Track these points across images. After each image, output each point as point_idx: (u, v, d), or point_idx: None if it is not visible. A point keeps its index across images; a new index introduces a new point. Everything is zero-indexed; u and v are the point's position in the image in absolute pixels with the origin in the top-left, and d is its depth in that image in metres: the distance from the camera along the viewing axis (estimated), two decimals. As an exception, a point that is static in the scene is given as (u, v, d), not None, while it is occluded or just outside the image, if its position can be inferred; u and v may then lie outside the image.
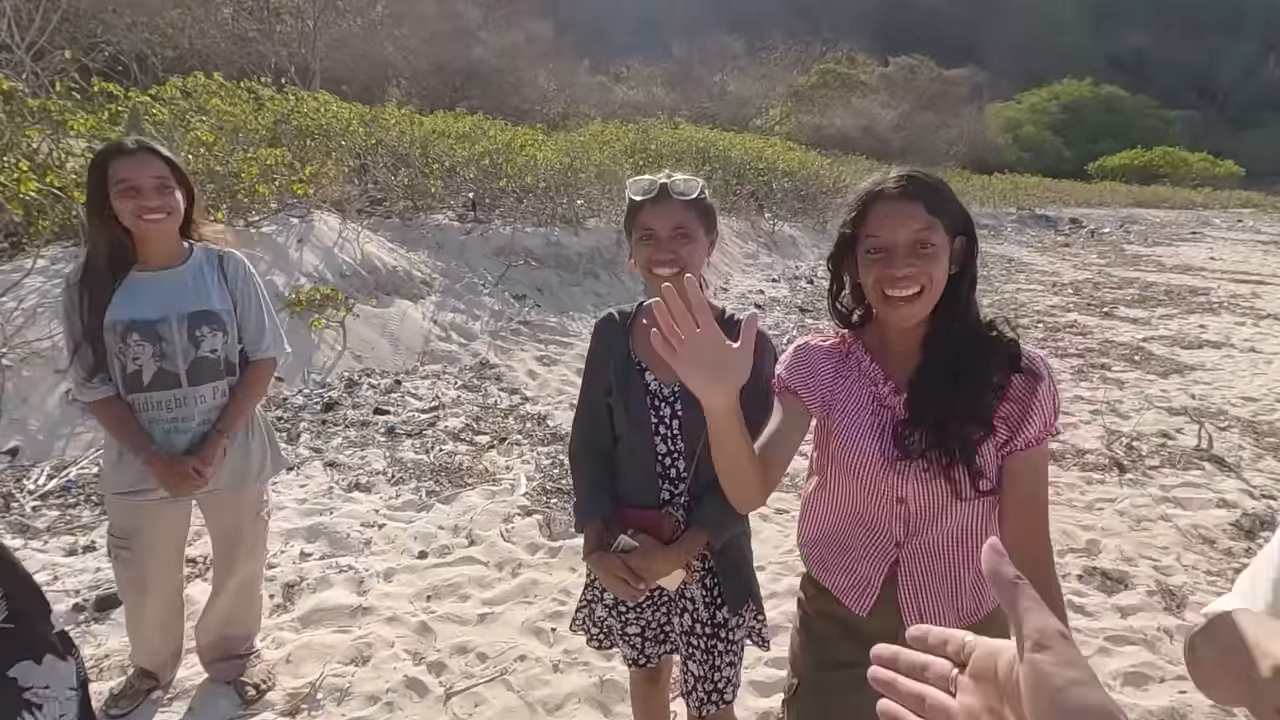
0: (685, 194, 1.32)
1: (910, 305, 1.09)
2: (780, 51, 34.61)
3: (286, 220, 5.79)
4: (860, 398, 1.20)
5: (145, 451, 1.79)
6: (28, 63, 6.16)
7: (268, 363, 2.00)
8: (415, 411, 4.41)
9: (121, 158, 1.69)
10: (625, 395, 1.39)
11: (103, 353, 1.77)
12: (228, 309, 1.88)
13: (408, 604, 2.61)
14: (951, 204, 1.11)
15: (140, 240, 1.76)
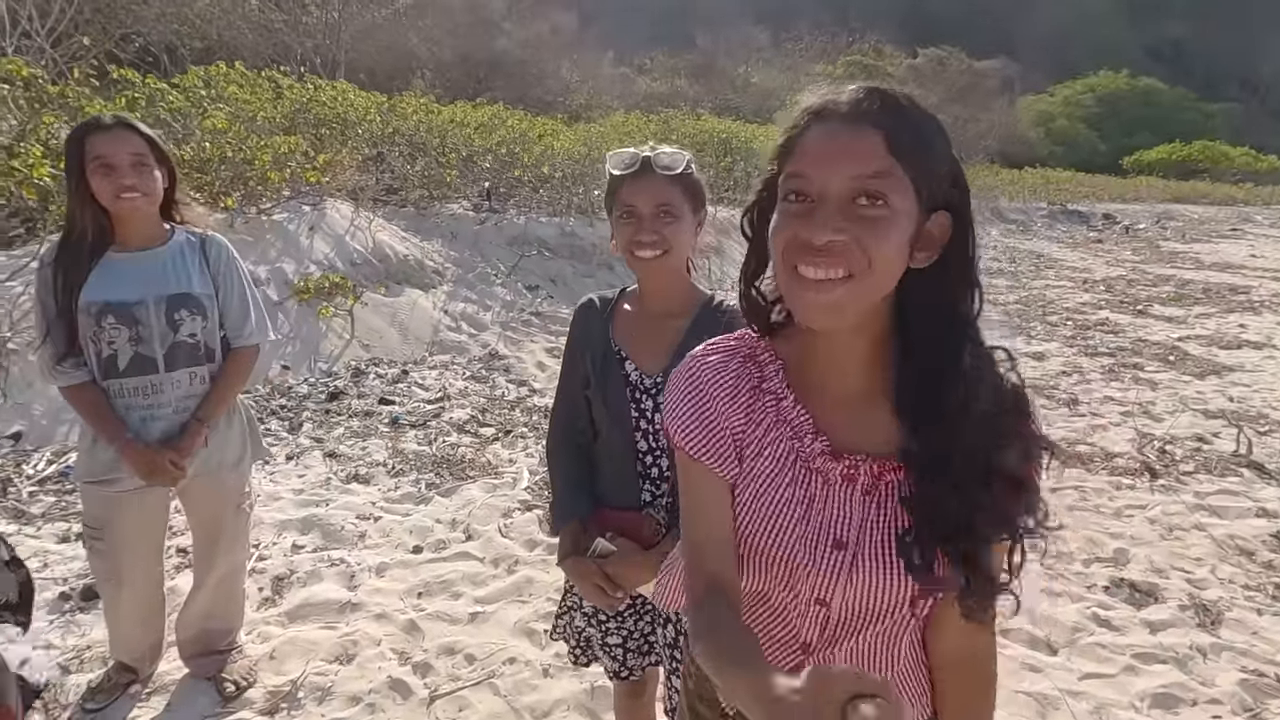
0: (670, 168, 1.20)
1: (824, 294, 0.68)
2: (806, 43, 34.12)
3: (298, 208, 5.76)
4: (777, 457, 0.80)
5: (120, 440, 1.72)
6: (47, 49, 6.20)
7: (250, 350, 1.92)
8: (421, 402, 4.35)
9: (98, 133, 1.63)
10: (604, 387, 1.28)
11: (75, 335, 1.69)
12: (209, 293, 1.81)
13: (398, 600, 2.53)
14: (935, 151, 0.70)
15: (118, 220, 1.70)
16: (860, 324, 0.74)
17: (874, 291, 0.70)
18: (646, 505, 1.29)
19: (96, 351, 1.72)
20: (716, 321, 1.27)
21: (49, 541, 2.70)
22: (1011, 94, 46.80)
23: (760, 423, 0.81)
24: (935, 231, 0.71)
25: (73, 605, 2.36)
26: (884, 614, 0.81)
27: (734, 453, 0.81)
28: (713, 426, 0.81)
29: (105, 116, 1.67)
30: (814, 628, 0.85)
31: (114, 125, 1.65)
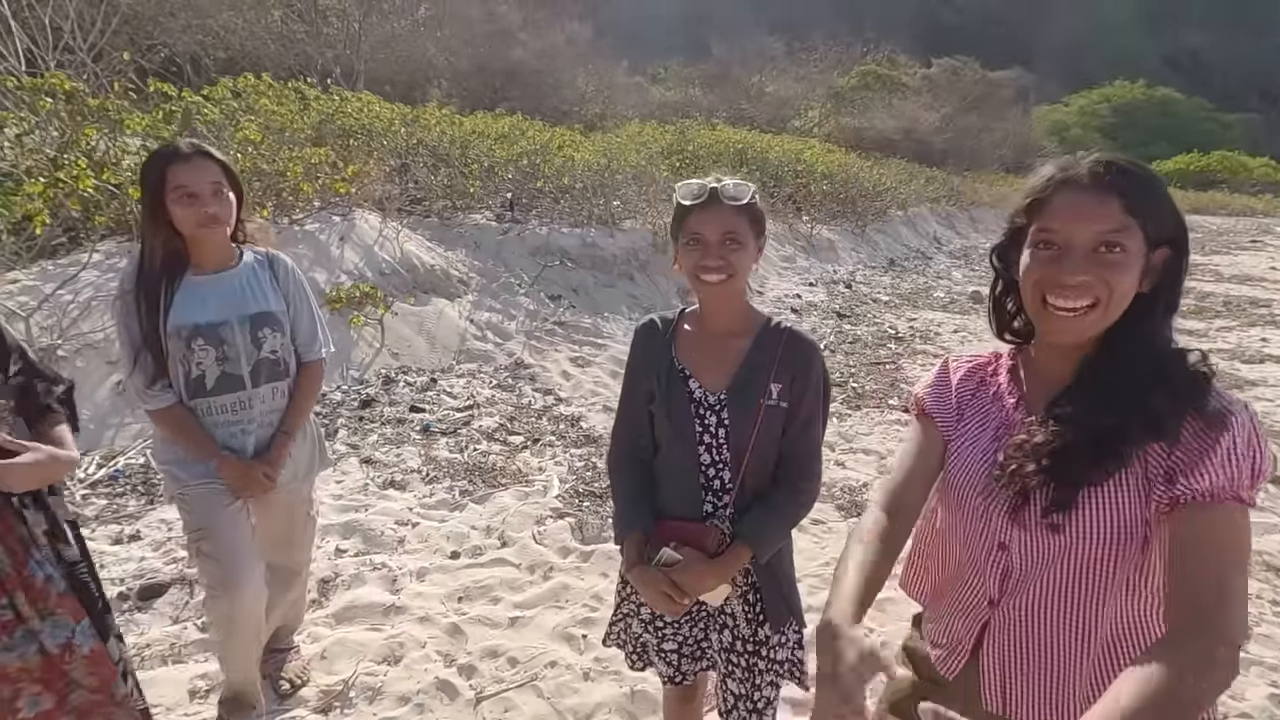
0: (736, 199, 1.28)
1: (1076, 320, 0.89)
2: (820, 53, 34.18)
3: (329, 218, 5.89)
4: (986, 423, 1.05)
5: (216, 456, 1.79)
6: (89, 63, 6.38)
7: (320, 363, 2.01)
8: (450, 410, 4.44)
9: (179, 163, 1.68)
10: (668, 403, 1.35)
11: (163, 359, 1.74)
12: (283, 310, 1.89)
13: (439, 604, 2.61)
14: (1160, 204, 0.90)
15: (195, 244, 1.76)
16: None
17: (1113, 315, 0.91)
18: (708, 516, 1.36)
19: (185, 372, 1.77)
20: (777, 341, 1.34)
21: (103, 543, 2.80)
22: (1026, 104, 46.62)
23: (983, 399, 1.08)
24: (1158, 263, 0.92)
25: (131, 605, 2.45)
26: (1056, 561, 0.95)
27: (950, 420, 1.10)
28: (945, 393, 1.12)
29: (183, 144, 1.72)
30: (996, 576, 1.01)
31: (193, 154, 1.70)
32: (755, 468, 1.33)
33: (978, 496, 1.01)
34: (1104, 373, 0.93)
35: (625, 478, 1.44)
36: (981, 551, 1.02)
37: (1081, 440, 0.91)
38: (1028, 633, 0.99)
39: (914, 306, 8.94)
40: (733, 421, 1.32)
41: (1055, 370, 0.99)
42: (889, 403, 5.25)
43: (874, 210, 13.67)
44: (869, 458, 4.17)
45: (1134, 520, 0.89)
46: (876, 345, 6.91)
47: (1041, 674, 0.99)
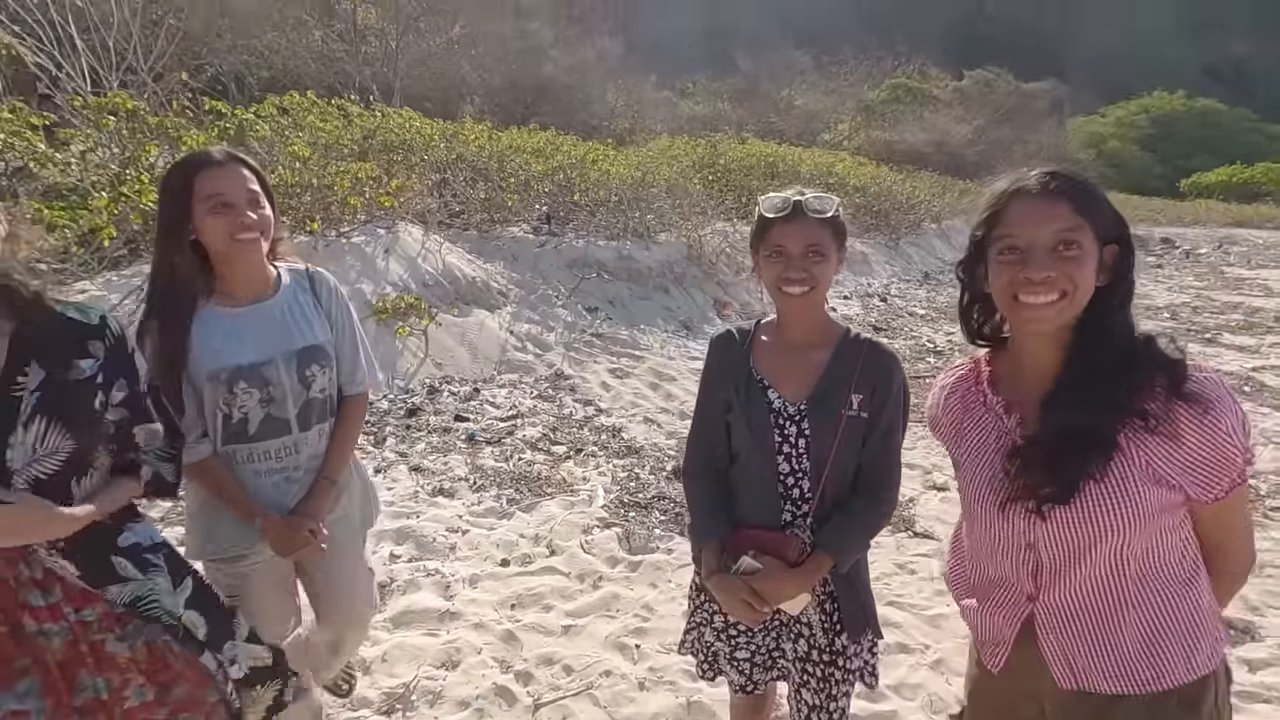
0: (820, 211, 1.30)
1: (1044, 310, 0.99)
2: (850, 66, 34.11)
3: (374, 231, 6.03)
4: (985, 434, 1.13)
5: (260, 515, 1.56)
6: (149, 84, 6.65)
7: (363, 397, 1.77)
8: (494, 419, 4.50)
9: (211, 169, 1.45)
10: (748, 413, 1.36)
11: (197, 404, 1.52)
12: (329, 340, 1.66)
13: (493, 611, 2.64)
14: (1102, 206, 1.01)
15: (228, 265, 1.51)
16: (1055, 333, 1.03)
17: (1079, 304, 1.00)
18: (787, 525, 1.37)
19: (224, 418, 1.53)
20: (857, 352, 1.35)
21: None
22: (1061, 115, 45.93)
23: (974, 410, 1.16)
24: (1108, 259, 1.02)
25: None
26: (1086, 551, 1.02)
27: (950, 435, 1.20)
28: (942, 411, 1.22)
29: (214, 151, 1.50)
30: (1027, 574, 1.09)
31: (226, 160, 1.48)
32: (835, 478, 1.34)
33: (994, 505, 1.08)
34: (1079, 366, 1.02)
35: (702, 486, 1.45)
36: (1010, 554, 1.09)
37: (1067, 434, 1.00)
38: (1076, 614, 1.07)
39: (950, 320, 8.82)
40: (813, 432, 1.34)
41: (1034, 370, 1.07)
42: (931, 417, 5.19)
43: (907, 223, 13.56)
44: (913, 472, 4.12)
45: (1147, 506, 0.98)
46: (915, 359, 6.83)
47: (1099, 642, 1.06)
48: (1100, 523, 0.99)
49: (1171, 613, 1.04)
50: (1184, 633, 1.03)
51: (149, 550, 1.34)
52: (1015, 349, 1.12)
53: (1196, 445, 0.97)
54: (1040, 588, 1.08)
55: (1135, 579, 1.04)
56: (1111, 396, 0.99)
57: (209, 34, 14.04)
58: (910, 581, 3.00)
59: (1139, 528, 0.99)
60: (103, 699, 1.20)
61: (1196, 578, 1.06)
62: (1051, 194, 0.99)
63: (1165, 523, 1.01)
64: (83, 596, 1.19)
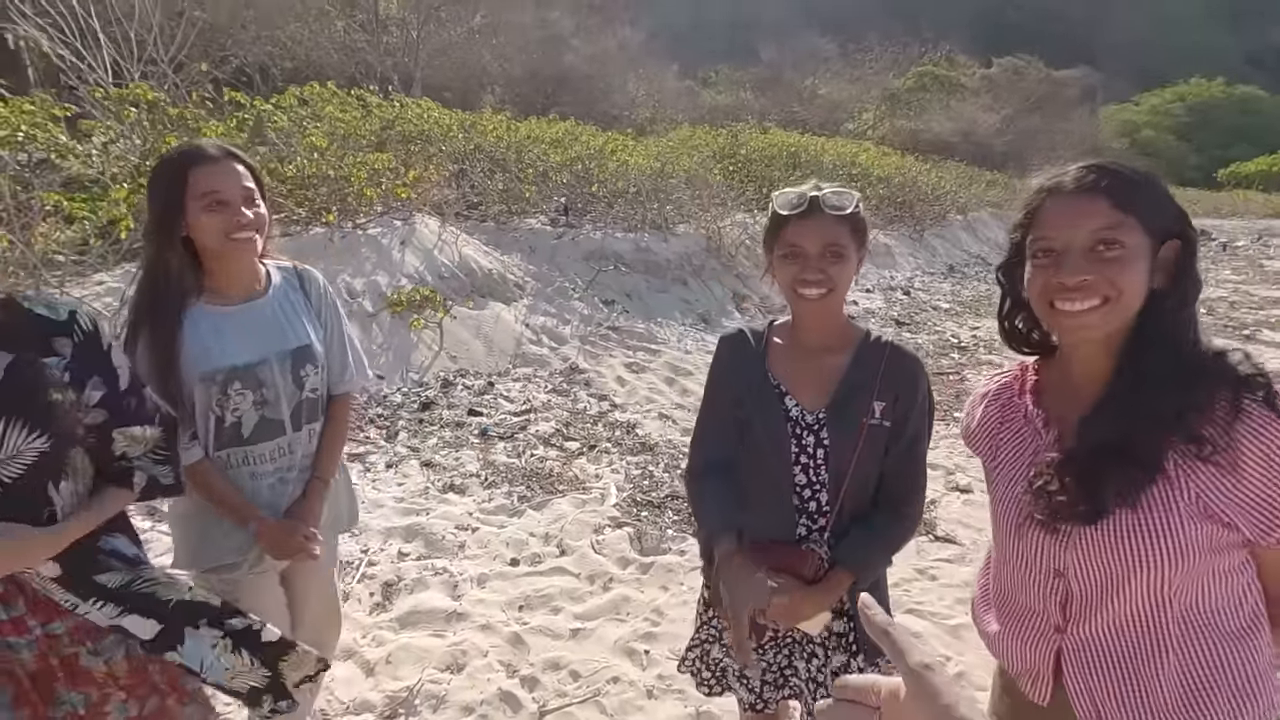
0: (838, 208, 1.20)
1: (1083, 318, 0.89)
2: (875, 54, 33.48)
3: (390, 223, 6.01)
4: (1021, 447, 1.04)
5: (255, 520, 1.51)
6: (170, 75, 6.68)
7: (350, 396, 1.76)
8: (507, 414, 4.46)
9: (205, 165, 1.40)
10: (764, 421, 1.28)
11: (187, 406, 1.45)
12: (321, 339, 1.63)
13: (500, 612, 2.59)
14: (1155, 199, 0.90)
15: (220, 264, 1.47)
16: (1106, 340, 0.93)
17: (1123, 314, 0.90)
18: (802, 540, 1.29)
19: (217, 420, 1.48)
20: (879, 356, 1.26)
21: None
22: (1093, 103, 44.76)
23: (1013, 421, 1.07)
24: (1169, 256, 0.91)
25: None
26: (1123, 585, 0.91)
27: (985, 448, 1.12)
28: (978, 421, 1.15)
29: (208, 145, 1.44)
30: (1055, 604, 0.99)
31: (221, 156, 1.43)
32: (855, 490, 1.26)
33: (1023, 524, 0.98)
34: (1128, 376, 0.91)
35: (711, 485, 1.33)
36: (1037, 580, 1.00)
37: (1103, 449, 0.89)
38: (1107, 653, 0.96)
39: (976, 315, 8.62)
40: (833, 442, 1.25)
41: (1084, 381, 0.97)
42: (954, 415, 5.05)
43: (932, 215, 13.28)
44: (935, 472, 4.00)
45: (1192, 542, 0.86)
46: (939, 355, 6.68)
47: (1131, 688, 0.95)
48: (1134, 554, 0.88)
49: (1220, 665, 0.91)
50: (1233, 690, 0.91)
51: (130, 557, 1.29)
52: (1064, 358, 1.02)
53: (1260, 480, 0.84)
54: (1069, 620, 0.98)
55: (1178, 621, 0.92)
56: (1157, 409, 0.87)
57: (233, 25, 14.15)
58: (931, 588, 2.90)
59: (1180, 565, 0.87)
60: (80, 714, 1.16)
61: (1256, 630, 0.93)
62: (1088, 190, 0.90)
63: (1219, 564, 0.90)
64: (50, 608, 1.14)
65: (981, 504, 3.70)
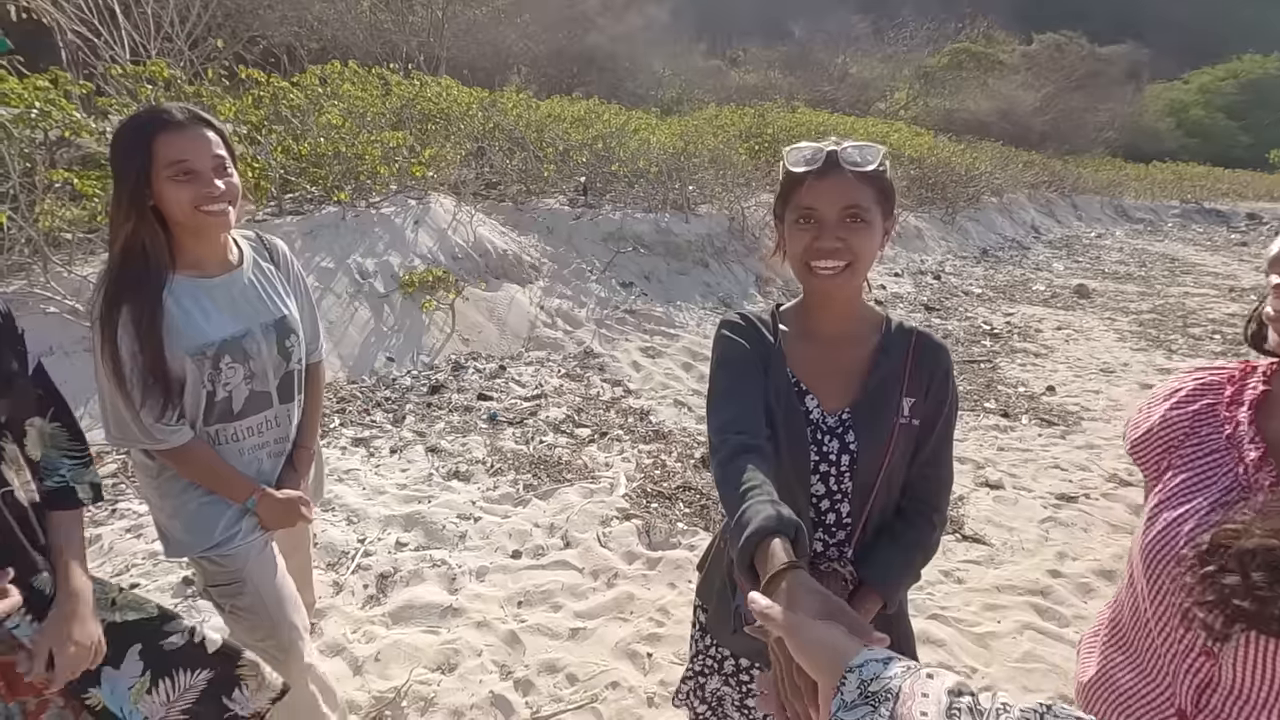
0: (860, 165, 1.00)
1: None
2: (909, 30, 32.44)
3: (404, 202, 5.90)
4: (1209, 476, 0.78)
5: (256, 491, 1.50)
6: (186, 51, 6.62)
7: (323, 364, 1.74)
8: (518, 399, 4.34)
9: (171, 132, 1.29)
10: (784, 425, 1.08)
11: (176, 385, 1.37)
12: (297, 310, 1.59)
13: (498, 608, 2.48)
14: None
15: (193, 237, 1.38)
16: None
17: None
18: (820, 557, 1.12)
19: (208, 396, 1.43)
20: (905, 345, 1.09)
21: (175, 524, 2.81)
22: (1139, 82, 42.95)
23: (1207, 437, 0.81)
24: None
25: (195, 590, 2.43)
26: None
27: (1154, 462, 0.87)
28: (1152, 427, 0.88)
29: (174, 109, 1.32)
30: (1189, 686, 0.75)
31: (189, 121, 1.31)
32: (882, 499, 1.09)
33: (1180, 577, 0.73)
34: None
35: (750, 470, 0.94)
36: (1174, 649, 0.76)
37: None
38: None
39: (1010, 300, 8.28)
40: (860, 447, 1.07)
41: None
42: (985, 405, 4.82)
43: (965, 197, 12.82)
44: (964, 466, 3.79)
45: None
46: (970, 342, 6.40)
47: None
48: None
49: None
50: None
51: None
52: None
53: None
54: (1201, 709, 0.76)
55: None
56: None
57: (259, 5, 14.14)
58: (956, 592, 2.72)
59: None
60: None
61: None
62: None
63: None
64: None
65: (1013, 500, 3.49)
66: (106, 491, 2.98)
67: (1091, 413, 4.74)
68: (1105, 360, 5.98)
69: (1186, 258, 12.58)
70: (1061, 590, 2.77)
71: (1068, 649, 2.43)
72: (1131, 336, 6.81)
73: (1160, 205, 19.39)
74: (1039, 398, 4.99)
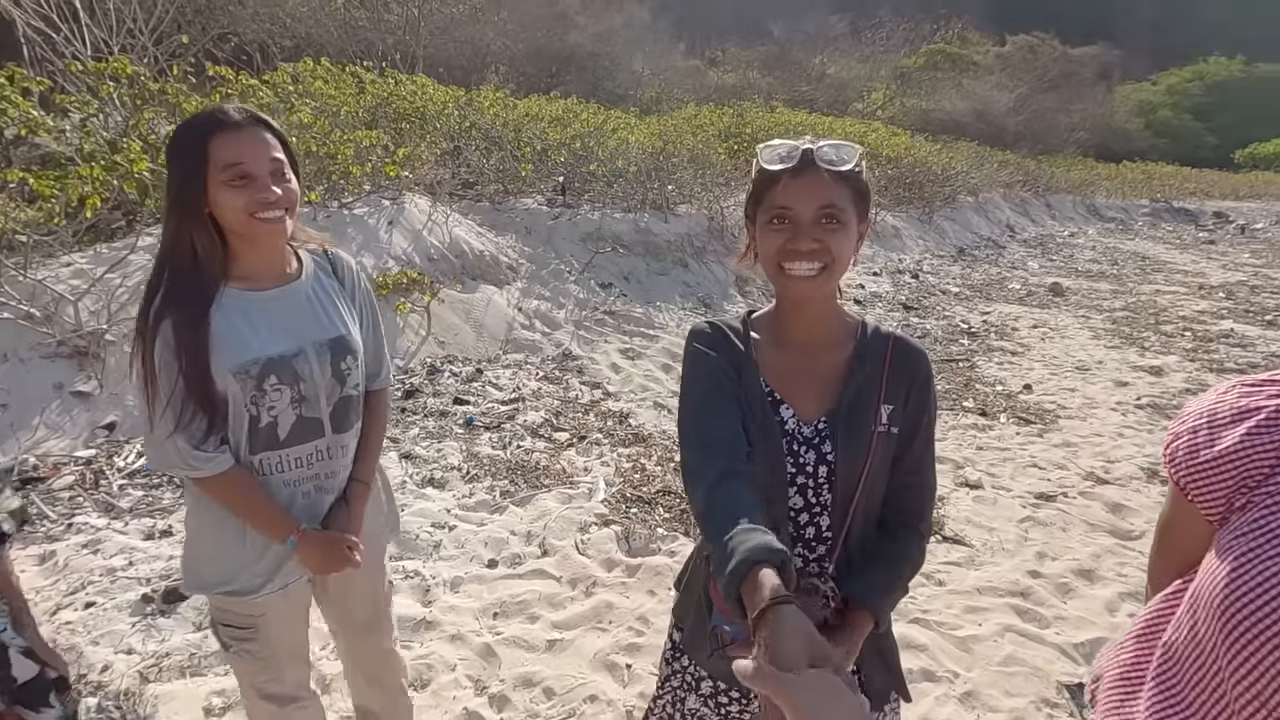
0: (837, 164, 0.97)
1: None
2: (886, 31, 32.74)
3: (378, 202, 5.79)
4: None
5: (296, 531, 1.34)
6: (150, 48, 6.44)
7: (388, 391, 1.58)
8: (495, 403, 4.26)
9: (228, 133, 1.20)
10: (759, 437, 1.04)
11: (218, 407, 1.27)
12: (358, 329, 1.44)
13: (473, 620, 2.42)
14: None
15: (247, 245, 1.28)
16: None
17: None
18: (799, 572, 1.07)
19: (251, 420, 1.30)
20: (882, 351, 1.05)
21: (135, 538, 2.71)
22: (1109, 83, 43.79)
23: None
24: None
25: (154, 608, 2.34)
26: None
27: (1226, 495, 0.73)
28: (1221, 451, 0.73)
29: (231, 109, 1.23)
30: None
31: (246, 122, 1.22)
32: (863, 512, 1.05)
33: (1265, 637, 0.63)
34: None
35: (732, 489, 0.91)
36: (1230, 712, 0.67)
37: None
38: None
39: (987, 299, 8.36)
40: (839, 457, 1.03)
41: None
42: (963, 404, 4.84)
43: (942, 196, 12.94)
44: (943, 466, 3.79)
45: None
46: (948, 341, 6.44)
47: None
48: None
49: None
50: None
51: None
52: None
53: None
54: None
55: None
56: None
57: (231, 1, 13.86)
58: (938, 595, 2.71)
59: None
60: None
61: None
62: None
63: None
64: None
65: (993, 500, 3.49)
66: (63, 505, 2.86)
67: (1068, 410, 4.78)
68: (1080, 358, 6.05)
69: (1157, 256, 12.80)
70: (1042, 591, 2.77)
71: (1049, 651, 2.42)
72: (1105, 334, 6.90)
73: (1131, 204, 19.74)
74: (1016, 396, 5.02)
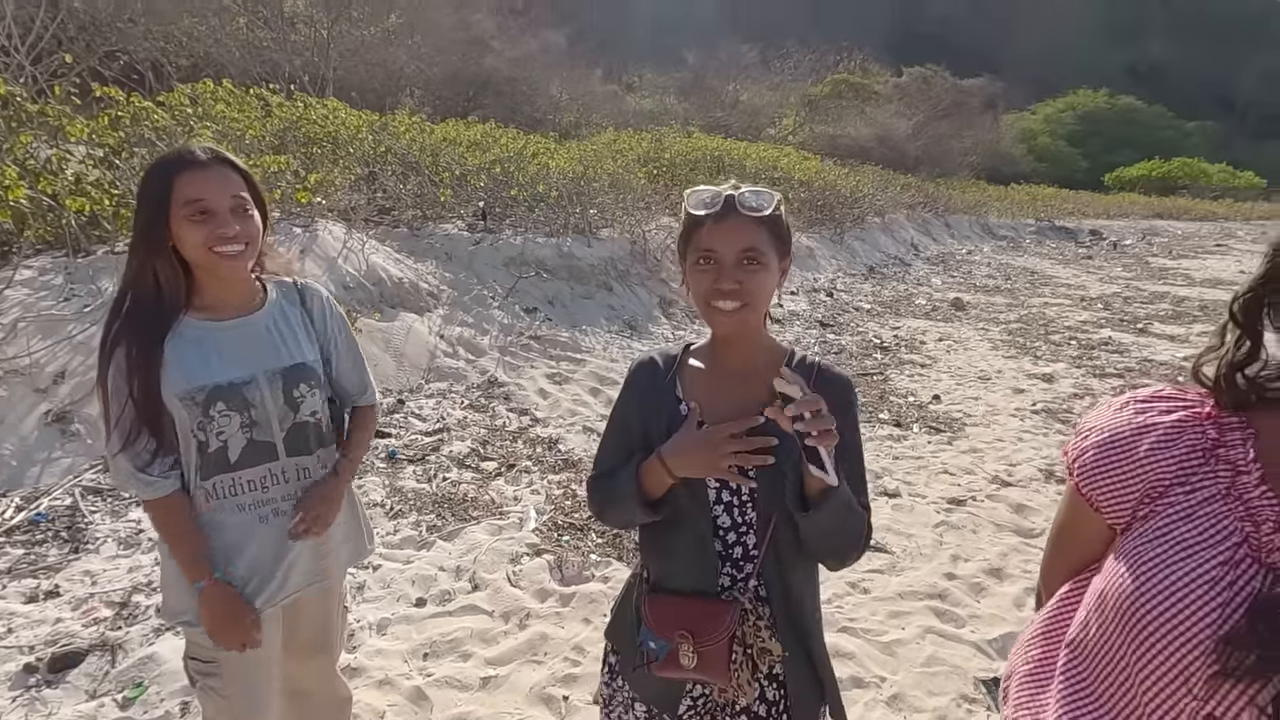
0: (757, 209, 1.05)
1: None
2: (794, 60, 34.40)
3: (289, 230, 5.56)
4: (1209, 530, 0.71)
5: (205, 579, 1.34)
6: (27, 66, 5.99)
7: (374, 408, 1.64)
8: (419, 434, 4.14)
9: (193, 170, 1.27)
10: None
11: (165, 430, 1.32)
12: (319, 360, 1.48)
13: (402, 663, 2.32)
14: None
15: (208, 277, 1.34)
16: None
17: None
18: (726, 590, 1.11)
19: (199, 445, 1.34)
20: (806, 380, 1.10)
21: (14, 602, 2.46)
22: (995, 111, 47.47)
23: (1198, 488, 0.74)
24: None
25: (39, 679, 2.12)
26: None
27: (1131, 507, 0.78)
28: (1129, 469, 0.78)
29: (197, 149, 1.31)
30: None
31: (211, 161, 1.30)
32: (786, 529, 1.10)
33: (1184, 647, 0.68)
34: None
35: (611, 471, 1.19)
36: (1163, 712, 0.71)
37: None
38: None
39: (896, 314, 8.82)
40: (760, 478, 1.08)
41: None
42: (879, 416, 5.07)
43: (851, 217, 13.61)
44: (863, 477, 3.96)
45: None
46: (862, 355, 6.74)
47: None
48: None
49: None
50: None
51: None
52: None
53: None
54: None
55: None
56: None
57: (118, 18, 13.07)
58: (863, 603, 2.81)
59: None
60: None
61: None
62: None
63: None
64: None
65: (909, 508, 3.66)
66: (-73, 569, 2.57)
67: (973, 418, 5.09)
68: (982, 368, 6.46)
69: (1044, 270, 13.88)
70: (957, 592, 2.92)
71: (966, 649, 2.55)
72: (1003, 345, 7.41)
73: (1019, 223, 21.34)
74: (927, 406, 5.31)
